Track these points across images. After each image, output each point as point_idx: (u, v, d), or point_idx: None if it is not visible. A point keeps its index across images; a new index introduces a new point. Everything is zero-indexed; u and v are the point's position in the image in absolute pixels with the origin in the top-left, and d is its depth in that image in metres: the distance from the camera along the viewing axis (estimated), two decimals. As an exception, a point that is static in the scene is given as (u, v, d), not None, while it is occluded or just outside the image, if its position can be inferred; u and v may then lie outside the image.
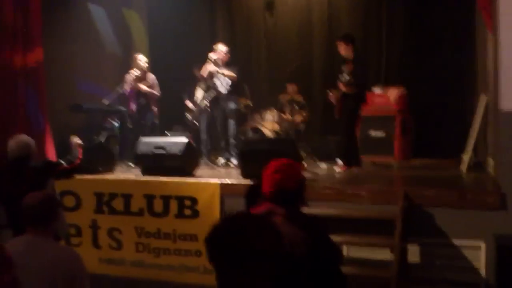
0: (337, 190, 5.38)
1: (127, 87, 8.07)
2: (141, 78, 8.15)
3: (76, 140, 5.46)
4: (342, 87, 7.07)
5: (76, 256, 3.09)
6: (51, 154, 7.39)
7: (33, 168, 4.61)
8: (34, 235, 2.97)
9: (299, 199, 2.74)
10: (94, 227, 6.35)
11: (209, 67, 8.10)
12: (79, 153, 5.44)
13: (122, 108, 8.55)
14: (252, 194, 2.87)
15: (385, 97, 8.27)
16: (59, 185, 5.30)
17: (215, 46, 8.29)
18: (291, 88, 9.35)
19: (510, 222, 4.63)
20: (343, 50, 7.22)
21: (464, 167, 7.04)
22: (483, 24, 7.00)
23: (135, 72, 8.06)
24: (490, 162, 6.44)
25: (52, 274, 2.82)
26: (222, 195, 5.74)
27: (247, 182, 5.67)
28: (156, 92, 8.29)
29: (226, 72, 8.03)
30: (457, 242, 4.85)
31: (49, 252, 2.93)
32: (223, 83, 8.13)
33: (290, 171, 2.75)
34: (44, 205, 3.06)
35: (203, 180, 6.16)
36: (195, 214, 5.87)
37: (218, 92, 8.17)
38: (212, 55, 8.06)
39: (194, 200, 5.87)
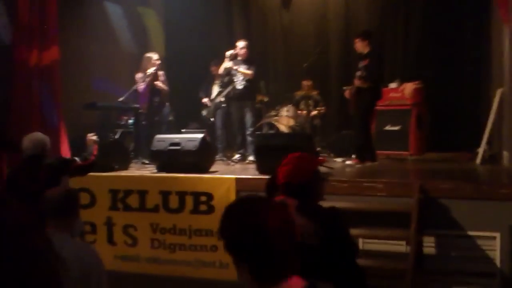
0: (353, 184, 5.38)
1: (143, 85, 8.15)
2: (156, 76, 8.24)
3: (92, 137, 5.50)
4: (357, 82, 7.08)
5: (94, 252, 3.13)
6: (66, 151, 7.46)
7: (47, 166, 4.65)
8: (55, 229, 2.99)
9: (312, 192, 2.75)
10: (109, 224, 6.38)
11: (226, 64, 8.14)
12: (94, 150, 5.46)
13: (137, 106, 8.61)
14: (270, 187, 2.89)
15: (401, 91, 8.26)
16: (74, 182, 5.35)
17: (236, 43, 8.32)
18: (306, 84, 9.38)
19: (526, 214, 4.61)
20: (360, 46, 7.26)
21: (479, 159, 7.01)
22: (498, 18, 6.96)
23: (151, 70, 8.14)
24: (505, 154, 6.41)
25: (71, 269, 2.85)
26: (238, 190, 5.76)
27: (263, 177, 5.70)
28: (166, 87, 8.37)
29: (242, 69, 8.04)
30: (472, 233, 4.84)
31: (68, 248, 2.95)
32: (239, 80, 8.15)
33: (300, 164, 2.78)
34: (67, 199, 3.10)
35: (218, 176, 6.19)
36: (211, 209, 5.90)
37: (235, 89, 8.20)
38: (228, 52, 8.09)
39: (209, 196, 5.90)
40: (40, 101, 7.38)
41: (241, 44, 8.18)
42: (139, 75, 8.31)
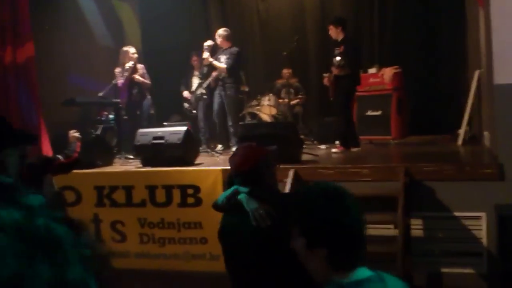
0: (339, 170, 5.43)
1: (121, 79, 8.10)
2: (134, 69, 8.19)
3: (74, 133, 5.42)
4: (334, 70, 7.12)
5: None
6: (47, 149, 7.38)
7: (29, 165, 4.58)
8: None
9: (260, 179, 2.84)
10: (96, 221, 6.33)
11: (204, 55, 8.10)
12: (77, 146, 5.41)
13: (117, 100, 8.55)
14: (229, 179, 3.08)
15: (380, 76, 8.33)
16: (58, 181, 5.30)
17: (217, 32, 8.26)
18: (286, 72, 9.40)
19: (509, 192, 4.71)
20: (334, 33, 7.30)
21: (460, 141, 7.13)
22: (473, 0, 7.05)
23: (129, 64, 8.09)
24: (486, 135, 6.52)
25: None
26: (224, 181, 5.77)
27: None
28: (147, 80, 8.32)
29: (215, 62, 7.99)
30: (458, 214, 4.93)
31: None
32: (219, 71, 8.11)
33: (246, 153, 2.91)
34: (54, 200, 3.09)
35: (204, 168, 6.19)
36: (198, 202, 5.90)
37: (216, 79, 8.17)
38: (206, 43, 8.03)
39: (196, 188, 5.90)
40: (18, 99, 7.26)
41: (220, 32, 8.13)
42: (118, 70, 8.26)
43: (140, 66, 8.33)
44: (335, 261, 1.61)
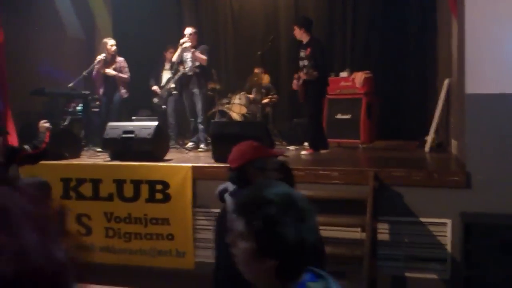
0: (309, 172, 5.46)
1: (93, 71, 7.99)
2: (110, 62, 8.07)
3: (44, 124, 5.29)
4: (303, 75, 7.09)
5: None
6: (13, 139, 7.21)
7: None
8: None
9: (242, 179, 2.86)
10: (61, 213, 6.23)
11: (179, 51, 8.05)
12: (46, 137, 5.30)
13: (86, 92, 8.41)
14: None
15: (351, 80, 8.41)
16: (24, 171, 5.20)
17: (186, 29, 8.20)
18: (258, 71, 9.40)
19: (475, 200, 4.81)
20: (298, 34, 7.24)
21: (427, 147, 7.25)
22: (446, 9, 7.18)
23: (100, 56, 7.98)
24: (453, 142, 6.65)
25: None
26: (194, 178, 5.74)
27: (219, 165, 5.71)
28: (125, 75, 8.20)
29: (198, 54, 7.94)
30: (424, 220, 5.01)
31: None
32: (190, 66, 8.08)
33: (238, 151, 2.94)
34: (40, 189, 3.07)
35: (174, 164, 6.15)
36: (167, 198, 5.86)
37: (186, 76, 8.13)
38: (183, 40, 7.98)
39: (165, 184, 5.85)
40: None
41: (188, 30, 8.07)
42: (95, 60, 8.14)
43: (120, 59, 8.23)
44: (283, 273, 1.48)
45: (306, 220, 1.49)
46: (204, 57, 7.94)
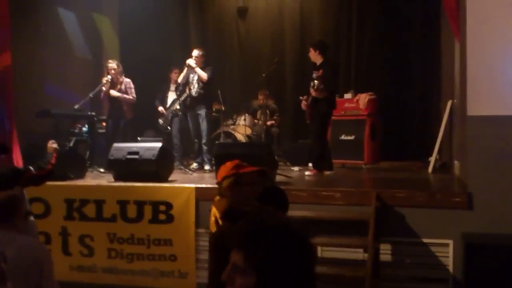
0: (312, 192, 5.47)
1: (101, 93, 8.09)
2: (115, 83, 8.16)
3: (52, 144, 5.33)
4: (313, 92, 7.18)
5: (41, 245, 3.27)
6: (18, 160, 7.27)
7: (-3, 175, 4.50)
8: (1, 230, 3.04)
9: (221, 194, 3.13)
10: (64, 234, 6.24)
11: (185, 72, 8.15)
12: (53, 158, 5.34)
13: (92, 113, 8.49)
14: None
15: (355, 102, 8.47)
16: (28, 192, 5.22)
17: (193, 50, 8.30)
18: (262, 94, 9.47)
19: (476, 221, 4.81)
20: (312, 56, 7.36)
21: (430, 169, 7.26)
22: (449, 33, 7.24)
23: (107, 78, 8.08)
24: (456, 163, 6.65)
25: (22, 262, 2.87)
26: (197, 199, 5.76)
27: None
28: (130, 96, 8.28)
29: (199, 70, 8.03)
30: (426, 240, 5.00)
31: (16, 242, 2.98)
32: (195, 88, 8.15)
33: (222, 167, 3.14)
34: (8, 202, 3.18)
35: (178, 185, 6.18)
36: (170, 219, 5.87)
37: (191, 97, 8.20)
38: (189, 61, 8.07)
39: (169, 205, 5.87)
40: (-8, 109, 7.18)
41: (196, 52, 8.17)
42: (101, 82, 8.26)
43: (126, 80, 8.32)
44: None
45: (306, 249, 1.43)
46: (204, 74, 8.00)
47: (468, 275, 4.46)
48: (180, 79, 8.30)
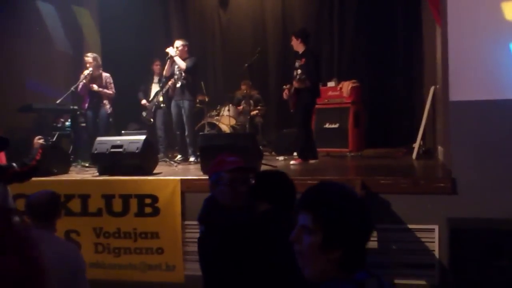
0: (297, 181, 5.44)
1: (79, 86, 8.00)
2: (94, 77, 8.08)
3: (39, 140, 5.24)
4: (295, 83, 7.17)
5: (77, 248, 3.40)
6: (1, 156, 7.17)
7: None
8: (40, 230, 3.08)
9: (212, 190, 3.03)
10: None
11: (168, 65, 8.10)
12: (38, 154, 5.26)
13: (74, 107, 8.41)
14: None
15: (339, 90, 8.48)
16: (12, 189, 5.16)
17: (176, 41, 8.23)
18: (245, 84, 9.45)
19: (461, 206, 4.84)
20: (294, 44, 7.36)
21: (414, 155, 7.30)
22: (430, 18, 7.27)
23: (86, 71, 8.00)
24: (440, 149, 6.70)
25: (58, 265, 2.85)
26: (182, 191, 5.75)
27: (207, 177, 5.71)
28: (110, 90, 8.22)
29: (178, 60, 7.98)
30: (412, 226, 5.03)
31: (54, 245, 3.01)
32: (178, 79, 8.11)
33: (212, 162, 3.08)
34: (51, 202, 3.31)
35: (163, 177, 6.15)
36: (156, 211, 5.85)
37: (174, 88, 8.15)
38: (169, 49, 8.01)
39: (154, 198, 5.85)
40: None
41: (177, 43, 8.11)
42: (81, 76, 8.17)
43: (105, 75, 8.25)
44: (348, 262, 1.53)
45: (365, 210, 1.59)
46: (183, 63, 7.94)
47: (454, 259, 4.51)
48: (164, 72, 8.24)
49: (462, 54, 4.94)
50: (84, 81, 7.99)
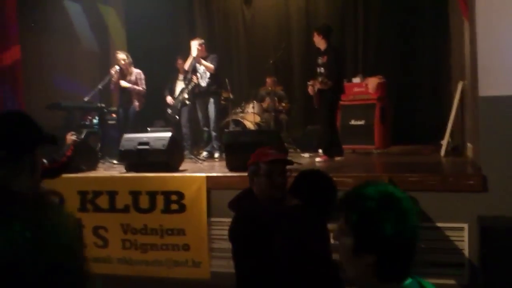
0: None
1: (111, 84, 8.11)
2: (124, 74, 8.16)
3: (71, 136, 5.32)
4: (317, 84, 7.08)
5: None
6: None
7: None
8: None
9: (250, 183, 3.05)
10: (79, 225, 6.29)
11: (190, 61, 8.12)
12: (69, 151, 5.31)
13: (102, 105, 8.50)
14: None
15: (364, 86, 8.40)
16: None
17: (192, 41, 8.26)
18: (270, 81, 9.43)
19: (491, 204, 4.75)
20: (317, 40, 7.24)
21: (442, 152, 7.20)
22: (457, 13, 7.15)
23: (115, 68, 8.08)
24: (469, 146, 6.59)
25: None
26: (208, 188, 5.76)
27: (233, 174, 5.73)
28: (140, 87, 8.29)
29: (204, 63, 8.02)
30: (441, 225, 4.96)
31: None
32: (203, 76, 8.13)
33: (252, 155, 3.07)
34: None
35: (189, 174, 6.18)
36: (182, 208, 5.87)
37: (199, 85, 8.18)
38: (193, 47, 8.04)
39: (180, 195, 5.87)
40: (3, 102, 7.20)
41: (195, 43, 8.09)
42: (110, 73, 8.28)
43: (136, 71, 8.33)
44: (383, 271, 1.50)
45: (405, 219, 1.53)
46: (210, 65, 7.99)
47: (484, 258, 4.43)
48: (186, 67, 8.28)
49: (492, 48, 4.85)
50: (113, 78, 8.07)
